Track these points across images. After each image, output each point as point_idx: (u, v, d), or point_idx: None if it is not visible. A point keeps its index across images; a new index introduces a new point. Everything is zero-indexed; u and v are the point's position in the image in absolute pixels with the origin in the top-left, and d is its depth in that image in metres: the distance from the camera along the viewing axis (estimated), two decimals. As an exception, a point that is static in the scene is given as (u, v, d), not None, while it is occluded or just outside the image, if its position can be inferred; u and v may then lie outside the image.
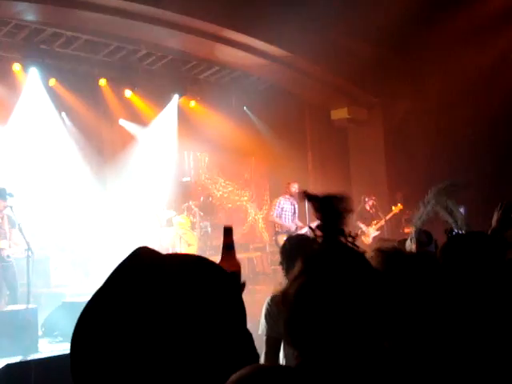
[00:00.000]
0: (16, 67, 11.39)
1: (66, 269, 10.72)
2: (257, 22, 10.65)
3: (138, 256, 1.04)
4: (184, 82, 13.61)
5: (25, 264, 7.73)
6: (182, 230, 12.33)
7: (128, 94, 13.11)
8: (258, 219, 16.28)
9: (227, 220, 15.35)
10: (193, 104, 14.38)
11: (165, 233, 12.20)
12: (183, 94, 13.74)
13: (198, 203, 13.60)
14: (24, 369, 4.56)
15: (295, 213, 10.94)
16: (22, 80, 11.67)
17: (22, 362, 5.44)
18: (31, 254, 7.68)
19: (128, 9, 9.49)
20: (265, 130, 15.10)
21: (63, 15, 9.76)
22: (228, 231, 1.61)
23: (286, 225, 10.76)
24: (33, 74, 11.58)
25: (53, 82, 11.94)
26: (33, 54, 11.20)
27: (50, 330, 7.61)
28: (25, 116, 11.58)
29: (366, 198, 12.26)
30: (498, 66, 11.54)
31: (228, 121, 14.22)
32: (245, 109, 15.12)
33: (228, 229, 1.61)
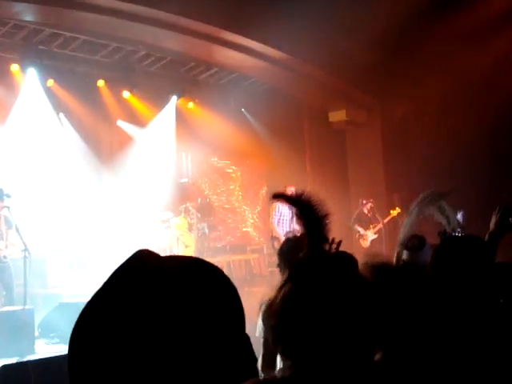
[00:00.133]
0: (14, 68, 11.37)
1: (63, 269, 10.70)
2: (256, 23, 10.64)
3: (138, 258, 1.04)
4: (182, 84, 13.61)
5: (21, 264, 7.73)
6: (180, 232, 12.31)
7: (126, 94, 13.11)
8: (254, 220, 16.26)
9: (224, 222, 15.36)
10: (191, 105, 14.37)
11: (162, 234, 12.18)
12: (181, 95, 13.75)
13: (196, 205, 13.59)
14: (21, 370, 4.55)
15: (293, 217, 10.92)
16: (19, 80, 11.65)
17: (18, 363, 5.42)
18: (28, 254, 7.67)
19: (127, 10, 9.48)
20: (263, 132, 15.10)
21: (62, 16, 9.75)
22: None
23: (281, 232, 10.72)
24: (31, 75, 11.57)
25: (51, 82, 11.93)
26: (31, 55, 11.19)
27: (46, 331, 7.59)
28: (23, 117, 11.57)
29: (364, 201, 12.28)
30: (499, 67, 11.54)
31: (226, 122, 14.22)
32: (243, 110, 15.11)
33: None
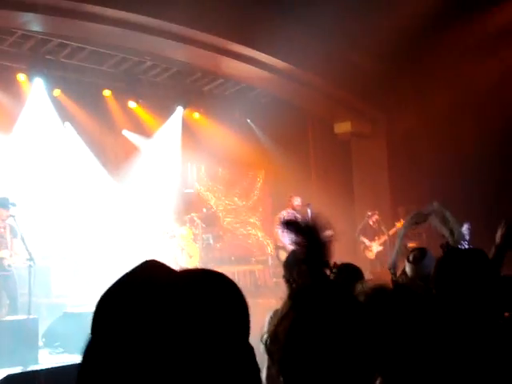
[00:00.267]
0: (21, 77, 11.43)
1: (67, 279, 10.70)
2: (261, 35, 10.68)
3: (146, 267, 1.04)
4: (188, 94, 13.66)
5: (25, 274, 7.72)
6: (184, 242, 12.31)
7: (132, 105, 13.16)
8: (260, 231, 16.24)
9: (229, 232, 15.34)
10: (197, 116, 14.42)
11: (167, 244, 12.17)
12: (187, 105, 13.79)
13: (201, 215, 13.58)
14: (25, 380, 4.53)
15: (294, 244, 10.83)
16: (26, 90, 11.71)
17: (22, 372, 5.41)
18: (33, 263, 7.67)
19: (133, 21, 9.53)
20: (268, 143, 15.12)
21: (69, 26, 9.79)
22: None
23: (287, 243, 10.65)
24: (38, 84, 11.63)
25: (57, 92, 11.99)
26: (38, 65, 11.25)
27: (50, 340, 7.58)
28: (29, 126, 11.61)
29: (370, 213, 12.26)
30: (505, 79, 11.53)
31: (231, 133, 14.25)
32: (248, 121, 15.15)
33: None
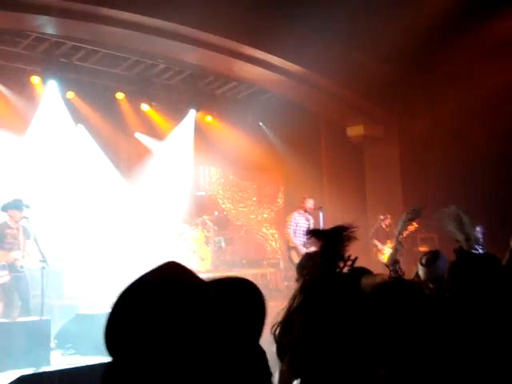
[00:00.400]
0: (35, 80, 11.49)
1: (80, 281, 10.73)
2: (274, 38, 10.68)
3: (167, 268, 1.05)
4: (201, 97, 13.69)
5: (38, 275, 7.75)
6: (196, 245, 12.33)
7: (145, 107, 13.20)
8: (271, 234, 16.23)
9: (241, 235, 15.34)
10: (209, 119, 14.44)
11: (179, 247, 12.19)
12: (200, 108, 13.82)
13: (213, 218, 13.60)
14: (37, 381, 4.55)
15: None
16: (40, 92, 11.78)
17: (35, 373, 5.43)
18: (46, 265, 7.70)
19: (147, 24, 9.57)
20: (280, 146, 15.12)
21: (83, 29, 9.85)
22: None
23: (299, 243, 10.66)
24: (51, 87, 11.69)
25: (71, 94, 12.05)
26: (52, 67, 11.32)
27: (62, 342, 7.60)
28: (42, 128, 11.67)
29: (382, 217, 12.21)
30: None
31: (244, 136, 14.26)
32: (260, 124, 15.16)
33: None
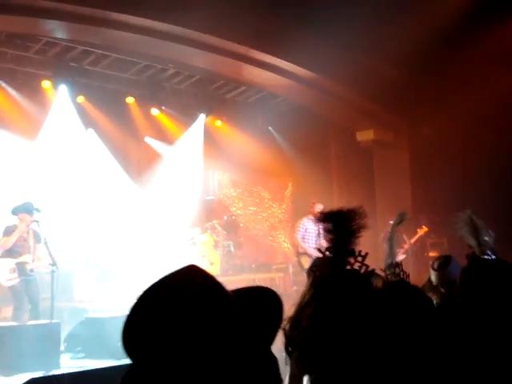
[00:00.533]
0: (46, 84, 11.55)
1: (89, 284, 10.77)
2: (284, 42, 10.70)
3: (188, 271, 1.06)
4: (210, 102, 13.71)
5: (47, 278, 7.78)
6: (205, 249, 12.33)
7: (155, 112, 13.24)
8: (280, 239, 16.22)
9: (250, 240, 15.34)
10: (219, 123, 14.47)
11: (188, 251, 12.21)
12: (209, 113, 13.84)
13: (222, 222, 13.61)
14: (48, 383, 4.56)
15: (320, 233, 10.78)
16: (51, 97, 11.84)
17: (44, 377, 5.45)
18: (56, 268, 7.73)
19: (157, 28, 9.60)
20: (289, 150, 15.12)
21: (93, 34, 9.89)
22: None
23: (308, 248, 10.62)
24: (62, 91, 11.75)
25: (81, 99, 12.10)
26: (63, 72, 11.37)
27: (72, 345, 7.62)
28: (53, 132, 11.73)
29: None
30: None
31: (253, 141, 14.28)
32: (270, 129, 15.17)
33: None
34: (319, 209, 10.86)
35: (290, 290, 13.51)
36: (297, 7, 10.22)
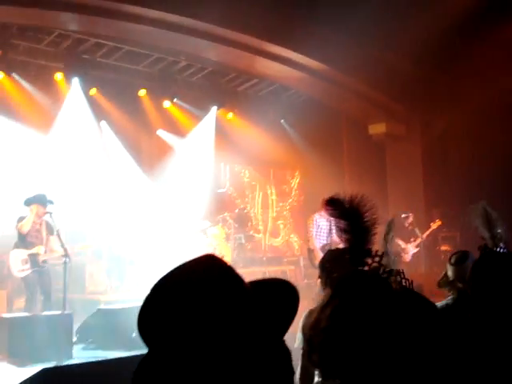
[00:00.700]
0: (58, 76, 11.58)
1: (101, 276, 10.82)
2: (296, 35, 10.67)
3: (206, 260, 1.07)
4: (222, 94, 13.69)
5: (60, 270, 7.83)
6: (216, 241, 12.35)
7: (167, 104, 13.25)
8: (291, 232, 16.22)
9: (261, 232, 15.35)
10: (230, 116, 14.46)
11: (199, 243, 12.23)
12: (221, 105, 13.82)
13: (233, 215, 13.62)
14: (60, 374, 4.59)
15: (331, 229, 10.69)
16: (63, 89, 11.87)
17: (58, 366, 5.48)
18: (68, 260, 7.78)
19: (169, 20, 9.61)
20: (301, 143, 15.09)
21: (106, 26, 9.92)
22: None
23: (318, 245, 10.55)
24: (74, 84, 11.78)
25: (93, 91, 12.13)
26: (75, 64, 11.39)
27: (84, 336, 7.66)
28: (66, 125, 11.77)
29: (404, 215, 12.09)
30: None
31: (265, 133, 14.25)
32: (282, 122, 15.14)
33: None
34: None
35: (301, 283, 13.50)
36: (310, 0, 10.18)
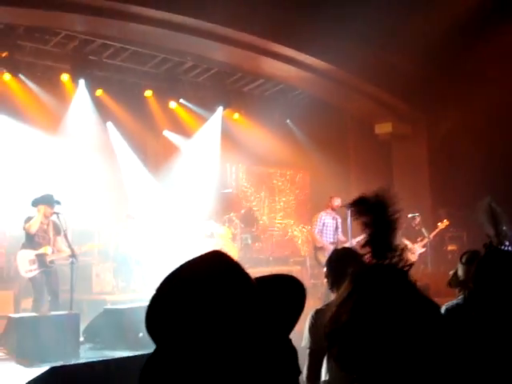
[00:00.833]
0: (64, 77, 11.61)
1: (108, 276, 10.84)
2: (302, 35, 10.67)
3: (214, 256, 1.08)
4: (228, 95, 13.69)
5: (67, 270, 7.85)
6: (223, 242, 12.35)
7: (173, 105, 13.27)
8: (298, 232, 16.21)
9: (267, 233, 15.34)
10: (236, 116, 14.46)
11: (205, 243, 12.23)
12: (227, 106, 13.82)
13: (239, 215, 13.62)
14: (69, 372, 4.61)
15: (337, 227, 10.69)
16: (69, 90, 11.89)
17: (66, 365, 5.49)
18: (75, 260, 7.80)
19: (175, 21, 9.61)
20: (307, 143, 15.07)
21: (112, 27, 9.93)
22: None
23: (325, 242, 10.54)
24: (81, 84, 11.80)
25: (100, 92, 12.15)
26: (81, 65, 11.41)
27: (91, 336, 7.66)
28: (73, 125, 11.79)
29: (410, 215, 12.04)
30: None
31: (271, 133, 14.25)
32: (288, 122, 15.14)
33: None
34: (337, 202, 10.78)
35: (307, 284, 13.50)
36: (315, 0, 10.18)
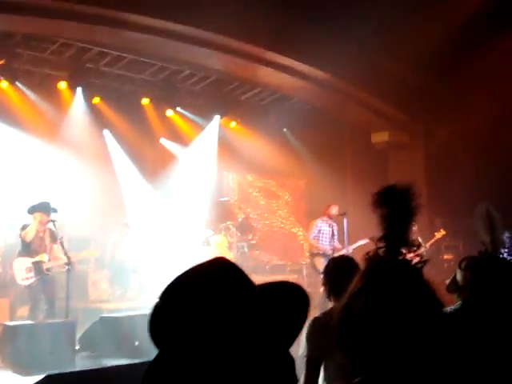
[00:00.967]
0: (62, 85, 11.61)
1: (104, 284, 10.82)
2: (299, 44, 10.70)
3: (218, 263, 1.08)
4: (225, 103, 13.71)
5: (63, 278, 7.84)
6: (219, 250, 12.33)
7: (170, 113, 13.28)
8: (295, 241, 16.20)
9: (264, 241, 15.33)
10: (233, 125, 14.47)
11: (202, 252, 12.22)
12: (224, 114, 13.84)
13: (236, 223, 13.61)
14: (65, 380, 4.58)
15: (334, 235, 10.79)
16: (67, 98, 11.90)
17: (62, 373, 5.45)
18: (71, 268, 7.79)
19: (172, 30, 9.63)
20: (304, 152, 15.09)
21: (109, 35, 9.94)
22: None
23: (322, 247, 10.64)
24: (78, 92, 11.81)
25: (97, 100, 12.16)
26: (79, 73, 11.42)
27: (87, 344, 7.65)
28: (70, 133, 11.79)
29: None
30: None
31: (268, 142, 14.27)
32: (284, 130, 15.16)
33: None
34: (334, 210, 10.86)
35: (304, 292, 13.47)
36: (312, 9, 10.22)
